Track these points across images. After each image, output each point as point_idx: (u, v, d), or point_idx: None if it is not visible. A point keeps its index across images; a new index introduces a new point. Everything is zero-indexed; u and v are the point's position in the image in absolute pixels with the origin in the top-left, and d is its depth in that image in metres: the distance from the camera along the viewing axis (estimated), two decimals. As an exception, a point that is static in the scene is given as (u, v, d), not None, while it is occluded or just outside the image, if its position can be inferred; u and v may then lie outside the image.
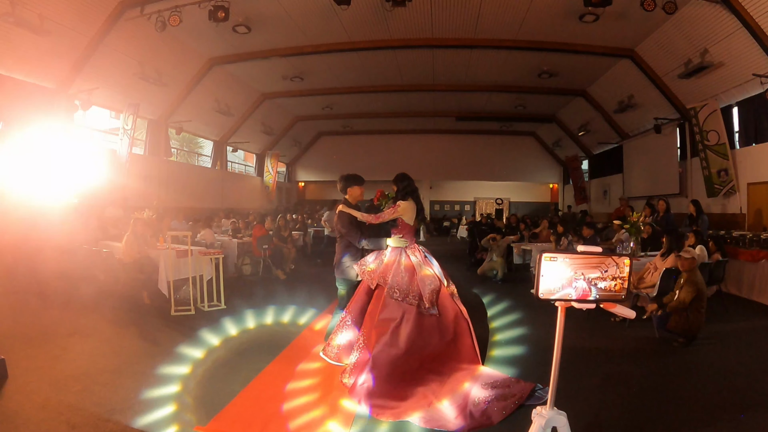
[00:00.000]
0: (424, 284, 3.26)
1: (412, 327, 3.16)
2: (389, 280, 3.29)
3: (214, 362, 3.70)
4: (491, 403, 2.83)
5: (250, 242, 8.09)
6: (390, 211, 3.52)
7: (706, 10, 6.92)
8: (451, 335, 3.31)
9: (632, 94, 10.50)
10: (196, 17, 7.38)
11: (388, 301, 3.26)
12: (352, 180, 3.81)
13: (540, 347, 4.00)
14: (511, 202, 19.75)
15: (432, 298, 3.24)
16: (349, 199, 3.77)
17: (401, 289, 3.24)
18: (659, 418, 2.78)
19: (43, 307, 5.18)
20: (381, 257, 3.50)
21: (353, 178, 3.82)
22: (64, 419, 2.66)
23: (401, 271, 3.32)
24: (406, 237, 3.51)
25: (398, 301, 3.23)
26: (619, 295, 1.78)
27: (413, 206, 3.55)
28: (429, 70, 11.07)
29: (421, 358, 3.19)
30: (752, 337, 4.50)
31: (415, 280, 3.28)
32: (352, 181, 3.80)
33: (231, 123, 13.12)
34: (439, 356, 3.25)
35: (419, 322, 3.19)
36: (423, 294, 3.22)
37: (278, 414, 2.81)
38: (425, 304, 3.21)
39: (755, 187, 8.04)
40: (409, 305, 3.21)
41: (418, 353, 3.17)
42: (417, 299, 3.21)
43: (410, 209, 3.52)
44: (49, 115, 7.32)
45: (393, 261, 3.40)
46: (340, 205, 3.69)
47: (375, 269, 3.43)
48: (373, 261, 3.52)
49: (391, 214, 3.50)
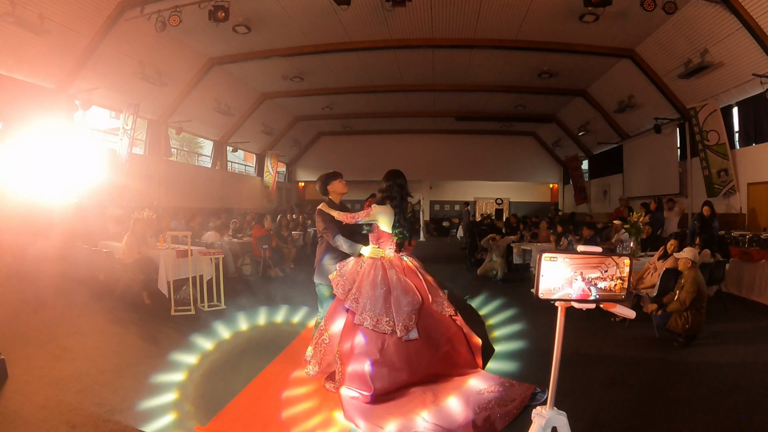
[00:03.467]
0: (399, 306, 2.98)
1: (392, 357, 2.93)
2: (360, 302, 2.99)
3: (214, 362, 3.71)
4: (492, 409, 2.78)
5: (249, 242, 8.09)
6: (363, 212, 3.24)
7: (706, 10, 6.92)
8: (445, 348, 3.16)
9: (632, 94, 10.50)
10: (196, 17, 7.38)
11: (361, 330, 2.97)
12: (330, 176, 3.52)
13: (540, 347, 4.00)
14: (511, 202, 19.74)
15: (408, 323, 2.96)
16: (333, 196, 3.51)
17: (373, 312, 2.95)
18: (659, 418, 2.78)
19: (43, 307, 5.18)
20: (357, 266, 3.19)
21: (330, 174, 3.53)
22: (64, 419, 2.66)
23: (375, 286, 3.03)
24: (384, 246, 3.23)
25: (370, 330, 2.95)
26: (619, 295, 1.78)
27: (391, 212, 3.21)
28: (429, 70, 11.07)
29: (414, 379, 3.00)
30: (752, 337, 4.50)
31: (390, 301, 2.99)
32: (331, 177, 3.51)
33: (231, 123, 13.12)
34: (434, 370, 3.10)
35: (401, 348, 2.96)
36: (397, 319, 2.95)
37: (278, 414, 2.81)
38: (398, 332, 2.93)
39: (755, 187, 8.04)
40: (383, 333, 2.94)
41: (409, 377, 2.97)
42: (391, 324, 2.94)
43: (387, 214, 3.21)
44: (49, 115, 7.31)
45: (366, 276, 3.08)
46: (321, 204, 3.44)
47: (345, 278, 3.14)
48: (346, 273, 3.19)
49: (363, 216, 3.22)
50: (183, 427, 2.65)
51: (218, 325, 4.68)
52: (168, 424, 2.66)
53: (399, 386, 2.95)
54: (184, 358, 3.74)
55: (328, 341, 3.20)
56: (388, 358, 2.95)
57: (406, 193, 3.31)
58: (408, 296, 3.06)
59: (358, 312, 2.99)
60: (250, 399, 3.01)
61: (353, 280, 3.13)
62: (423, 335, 3.07)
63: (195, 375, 3.43)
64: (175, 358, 3.72)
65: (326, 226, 3.36)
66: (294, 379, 3.33)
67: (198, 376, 3.40)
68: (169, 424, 2.67)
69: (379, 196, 3.32)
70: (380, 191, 3.32)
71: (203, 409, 2.85)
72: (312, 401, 3.00)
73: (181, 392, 3.10)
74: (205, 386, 3.22)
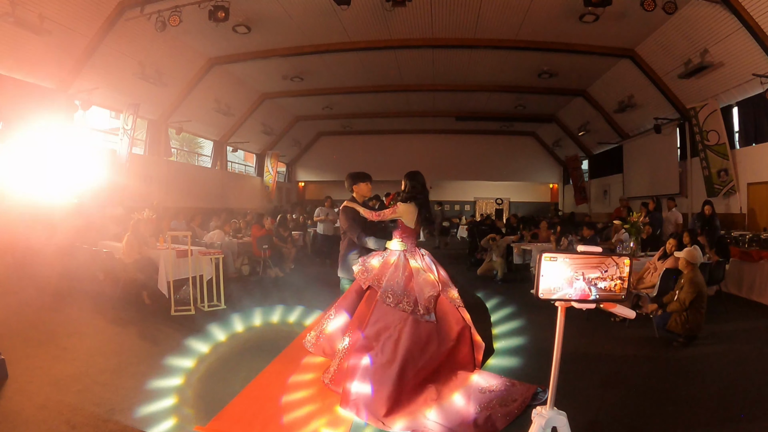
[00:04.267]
0: (421, 289, 3.12)
1: (407, 336, 3.00)
2: (383, 284, 3.15)
3: (214, 362, 3.71)
4: (494, 408, 2.78)
5: (249, 242, 8.10)
6: (389, 210, 3.46)
7: (706, 10, 6.92)
8: (451, 342, 3.20)
9: (632, 94, 10.50)
10: (196, 17, 7.38)
11: (380, 307, 3.10)
12: (359, 177, 3.77)
13: (540, 347, 3.99)
14: (511, 202, 19.74)
15: (429, 305, 3.09)
16: (356, 196, 3.74)
17: (395, 293, 3.09)
18: (659, 419, 2.78)
19: (43, 307, 5.18)
20: (381, 257, 3.40)
21: (359, 175, 3.78)
22: (64, 419, 2.66)
23: (398, 274, 3.19)
24: (407, 240, 3.41)
25: (391, 308, 3.07)
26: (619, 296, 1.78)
27: (414, 210, 3.44)
28: (429, 70, 11.07)
29: (420, 367, 3.03)
30: (752, 337, 4.50)
31: (411, 285, 3.14)
32: (359, 178, 3.76)
33: (231, 123, 13.11)
34: (438, 363, 3.13)
35: (415, 329, 3.04)
36: (419, 299, 3.07)
37: (278, 414, 2.81)
38: (420, 310, 3.05)
39: (755, 187, 8.04)
40: (403, 311, 3.06)
41: (416, 362, 3.01)
42: (412, 305, 3.06)
43: (410, 212, 3.42)
44: (49, 115, 7.31)
45: (390, 264, 3.28)
46: (346, 201, 3.65)
47: (373, 267, 3.32)
48: (374, 259, 3.41)
49: (389, 214, 3.44)
50: (183, 427, 2.65)
51: (218, 325, 4.68)
52: (168, 424, 2.66)
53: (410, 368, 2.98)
54: (184, 358, 3.74)
55: (333, 316, 3.38)
56: (402, 335, 3.00)
57: (426, 190, 3.55)
58: (429, 284, 3.18)
59: (380, 290, 3.12)
60: (250, 399, 3.01)
61: (379, 269, 3.28)
62: (438, 321, 3.16)
63: (195, 375, 3.42)
64: (175, 358, 3.72)
65: (350, 224, 3.55)
66: (294, 379, 3.33)
67: (198, 376, 3.40)
68: (169, 424, 2.67)
69: (403, 196, 3.51)
70: (403, 191, 3.53)
71: (203, 410, 2.85)
72: (312, 401, 3.00)
73: (181, 392, 3.10)
74: (205, 386, 3.22)
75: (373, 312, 3.11)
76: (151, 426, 2.62)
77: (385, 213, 3.47)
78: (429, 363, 3.08)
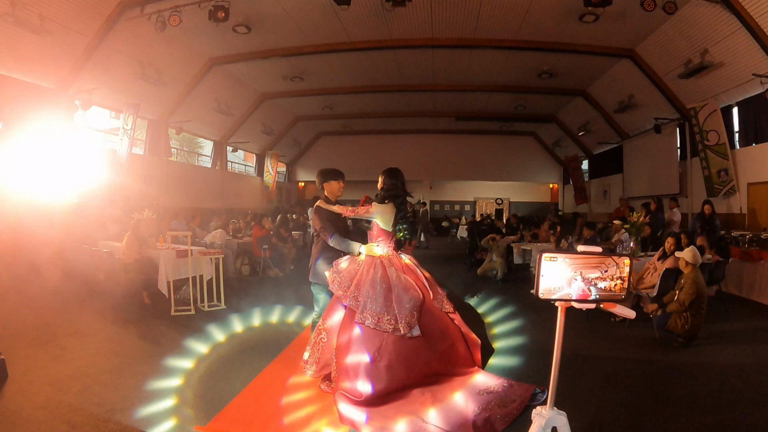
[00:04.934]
0: (401, 303, 2.94)
1: (392, 356, 2.87)
2: (361, 301, 2.94)
3: (214, 362, 3.70)
4: (492, 410, 2.76)
5: (249, 242, 8.09)
6: (363, 208, 3.26)
7: (706, 10, 6.92)
8: (444, 346, 3.13)
9: (632, 94, 10.50)
10: (196, 17, 7.38)
11: (361, 329, 2.91)
12: (330, 174, 3.54)
13: (540, 347, 4.00)
14: (511, 202, 19.74)
15: (411, 320, 2.92)
16: (328, 195, 3.52)
17: (373, 311, 2.90)
18: (659, 418, 2.78)
19: (43, 307, 5.18)
20: (354, 266, 3.15)
21: (330, 172, 3.55)
22: (64, 419, 2.66)
23: (374, 284, 2.99)
24: (384, 244, 3.21)
25: (371, 329, 2.89)
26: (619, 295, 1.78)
27: (392, 211, 3.22)
28: (429, 70, 11.07)
29: (412, 379, 2.96)
30: (752, 337, 4.50)
31: (390, 298, 2.95)
32: (330, 176, 3.53)
33: (231, 123, 13.12)
34: (433, 369, 3.07)
35: (400, 347, 2.91)
36: (400, 315, 2.90)
37: (278, 414, 2.81)
38: (401, 329, 2.88)
39: (755, 187, 8.04)
40: (384, 331, 2.89)
41: (404, 379, 2.92)
42: (393, 323, 2.89)
43: (387, 213, 3.21)
44: (49, 115, 7.31)
45: (365, 274, 3.05)
46: (318, 201, 3.42)
47: (342, 275, 3.11)
48: (344, 270, 3.15)
49: (364, 212, 3.24)
50: (183, 427, 2.64)
51: (218, 325, 4.68)
52: (168, 424, 2.66)
53: (398, 386, 2.91)
54: (184, 359, 3.74)
55: (326, 340, 3.18)
56: (387, 357, 2.91)
57: (404, 190, 3.31)
58: (409, 293, 3.02)
59: (358, 311, 2.94)
60: (250, 399, 3.01)
61: (351, 278, 3.08)
62: (423, 332, 3.04)
63: (195, 375, 3.42)
64: (175, 359, 3.72)
65: (323, 224, 3.33)
66: (294, 379, 3.32)
67: (198, 376, 3.40)
68: (169, 424, 2.67)
69: (380, 195, 3.30)
70: (381, 190, 3.30)
71: (203, 410, 2.85)
72: (312, 401, 3.00)
73: (181, 392, 3.10)
74: (205, 386, 3.22)
75: (354, 336, 2.94)
76: (151, 426, 2.62)
77: (358, 210, 3.28)
78: (423, 372, 3.01)
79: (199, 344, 4.10)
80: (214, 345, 4.14)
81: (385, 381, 2.86)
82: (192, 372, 3.48)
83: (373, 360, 2.88)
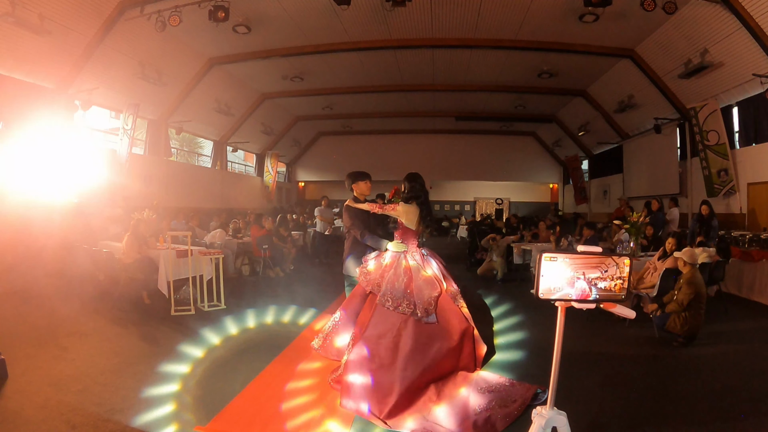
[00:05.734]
0: (421, 291, 3.10)
1: (407, 339, 3.00)
2: (383, 287, 3.14)
3: (214, 362, 3.70)
4: (494, 409, 2.78)
5: (249, 242, 8.09)
6: (390, 206, 3.49)
7: (706, 10, 6.92)
8: (454, 341, 3.18)
9: (632, 94, 10.50)
10: (196, 17, 7.38)
11: (380, 311, 3.09)
12: (358, 176, 3.82)
13: (540, 347, 3.99)
14: (511, 202, 19.74)
15: (429, 306, 3.07)
16: (357, 195, 3.78)
17: (394, 296, 3.07)
18: (659, 418, 2.78)
19: (43, 307, 5.18)
20: (380, 259, 3.39)
21: (359, 174, 3.83)
22: (64, 419, 2.66)
23: (398, 276, 3.17)
24: (407, 242, 3.40)
25: (390, 311, 3.06)
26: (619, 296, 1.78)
27: (415, 211, 3.44)
28: (429, 70, 11.07)
29: (424, 368, 3.02)
30: (752, 337, 4.50)
31: (411, 286, 3.12)
32: (358, 177, 3.81)
33: (231, 123, 13.12)
34: (441, 363, 3.11)
35: (415, 331, 3.03)
36: (418, 301, 3.05)
37: (278, 414, 2.81)
38: (419, 313, 3.02)
39: (755, 187, 8.04)
40: (402, 314, 3.04)
41: (418, 364, 3.00)
42: (411, 307, 3.04)
43: (411, 213, 3.42)
44: (49, 115, 7.31)
45: (389, 265, 3.27)
46: (348, 200, 3.70)
47: (370, 272, 3.32)
48: (372, 262, 3.41)
49: (390, 210, 3.47)
50: (183, 427, 2.64)
51: (218, 325, 4.68)
52: (168, 424, 2.66)
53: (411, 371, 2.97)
54: (184, 359, 3.74)
55: (338, 319, 3.43)
56: (404, 338, 3.00)
57: (425, 191, 3.57)
58: (429, 285, 3.17)
59: (379, 294, 3.12)
60: (250, 399, 3.01)
61: (378, 273, 3.28)
62: (439, 321, 3.15)
63: (195, 375, 3.42)
64: (175, 359, 3.72)
65: (353, 222, 3.58)
66: (294, 379, 3.33)
67: (198, 377, 3.40)
68: (169, 424, 2.67)
69: (404, 197, 3.54)
70: (404, 191, 3.56)
71: (203, 410, 2.85)
72: (312, 401, 3.00)
73: (181, 392, 3.10)
74: (205, 386, 3.22)
75: (374, 315, 3.12)
76: (151, 426, 2.62)
77: (386, 208, 3.51)
78: (433, 363, 3.06)
79: (199, 344, 4.10)
80: (214, 345, 4.14)
81: (400, 363, 2.94)
82: (192, 372, 3.48)
83: (388, 341, 3.01)
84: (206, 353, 3.91)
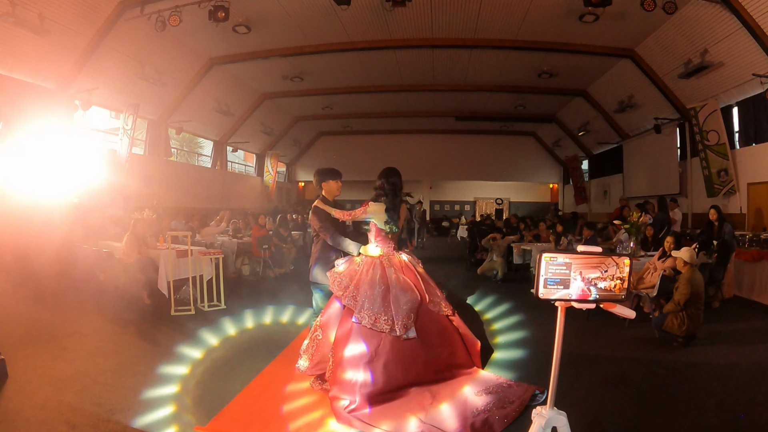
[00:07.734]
0: (398, 304, 2.93)
1: (388, 357, 2.88)
2: (359, 300, 2.95)
3: (214, 362, 3.71)
4: (492, 411, 2.76)
5: (249, 242, 8.09)
6: (360, 209, 3.23)
7: (706, 10, 6.91)
8: (442, 347, 3.12)
9: (632, 94, 10.50)
10: (196, 17, 7.37)
11: (358, 330, 2.91)
12: (327, 174, 3.51)
13: (540, 347, 4.00)
14: (511, 202, 19.74)
15: (407, 321, 2.91)
16: (326, 194, 3.48)
17: (371, 311, 2.90)
18: (659, 418, 2.78)
19: (43, 307, 5.18)
20: (354, 267, 3.16)
21: (328, 171, 3.52)
22: (64, 419, 2.66)
23: (373, 285, 2.99)
24: (383, 244, 3.22)
25: (367, 329, 2.89)
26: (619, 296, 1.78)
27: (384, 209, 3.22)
28: (429, 70, 11.07)
29: (409, 379, 2.96)
30: (752, 337, 4.49)
31: (388, 299, 2.95)
32: (327, 175, 3.50)
33: (231, 123, 13.12)
34: (430, 369, 3.06)
35: (396, 347, 2.91)
36: (397, 316, 2.89)
37: (278, 414, 2.81)
38: (398, 330, 2.87)
39: (755, 187, 8.04)
40: (381, 332, 2.89)
41: (401, 380, 2.92)
42: (389, 323, 2.88)
43: (381, 212, 3.20)
44: (49, 115, 7.31)
45: (365, 275, 3.05)
46: (316, 201, 3.40)
47: (341, 273, 3.12)
48: (342, 266, 3.19)
49: (360, 213, 3.22)
50: (183, 427, 2.64)
51: (218, 325, 4.68)
52: (168, 424, 2.66)
53: (394, 387, 2.91)
54: (184, 359, 3.74)
55: (321, 337, 3.20)
56: (384, 357, 2.91)
57: (400, 190, 3.29)
58: (407, 294, 3.01)
59: (356, 310, 2.94)
60: (250, 399, 3.01)
61: (351, 278, 3.08)
62: (420, 334, 3.03)
63: (195, 375, 3.42)
64: (175, 359, 3.72)
65: (322, 224, 3.32)
66: (294, 379, 3.32)
67: (198, 376, 3.40)
68: (169, 424, 2.67)
69: (373, 194, 3.31)
70: (374, 189, 3.31)
71: (203, 409, 2.85)
72: (312, 401, 3.00)
73: (181, 392, 3.10)
74: (205, 386, 3.22)
75: (352, 335, 2.94)
76: (151, 426, 2.62)
77: (355, 212, 3.24)
78: (417, 376, 3.00)
79: (199, 344, 4.10)
80: (214, 345, 4.14)
81: (381, 380, 2.86)
82: (192, 372, 3.48)
83: (369, 359, 2.88)
84: (206, 353, 3.91)
